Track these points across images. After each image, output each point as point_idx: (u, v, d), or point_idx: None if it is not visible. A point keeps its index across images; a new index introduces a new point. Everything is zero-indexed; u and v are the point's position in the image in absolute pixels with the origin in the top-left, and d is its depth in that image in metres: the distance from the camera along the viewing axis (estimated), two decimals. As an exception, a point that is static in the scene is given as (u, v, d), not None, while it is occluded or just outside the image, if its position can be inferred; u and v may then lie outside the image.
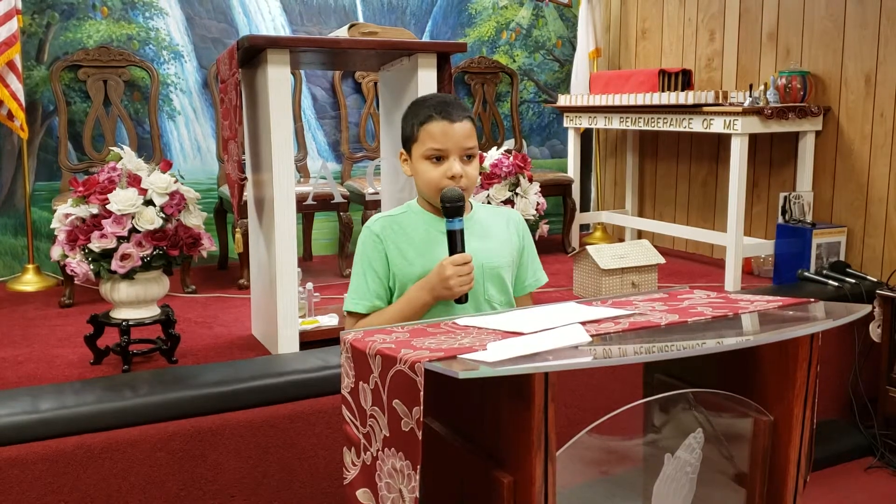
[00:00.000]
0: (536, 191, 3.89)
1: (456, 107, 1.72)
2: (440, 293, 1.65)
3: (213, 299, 3.43)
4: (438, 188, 1.69)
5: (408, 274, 1.71)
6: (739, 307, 1.41)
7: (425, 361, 1.10)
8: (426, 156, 1.70)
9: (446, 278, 1.63)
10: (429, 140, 1.69)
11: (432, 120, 1.69)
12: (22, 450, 1.97)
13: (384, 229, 1.74)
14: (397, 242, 1.73)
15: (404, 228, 1.75)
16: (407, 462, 1.16)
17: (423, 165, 1.71)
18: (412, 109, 1.76)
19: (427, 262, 1.70)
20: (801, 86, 3.58)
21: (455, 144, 1.69)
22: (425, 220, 1.76)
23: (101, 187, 2.38)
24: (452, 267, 1.63)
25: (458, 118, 1.69)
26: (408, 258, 1.72)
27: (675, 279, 3.71)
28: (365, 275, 1.73)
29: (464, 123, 1.70)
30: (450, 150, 1.69)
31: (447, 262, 1.64)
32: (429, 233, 1.74)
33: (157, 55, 4.01)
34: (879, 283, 3.33)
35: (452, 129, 1.68)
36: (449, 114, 1.69)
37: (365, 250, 1.74)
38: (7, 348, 2.72)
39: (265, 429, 2.23)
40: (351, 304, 1.74)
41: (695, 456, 1.29)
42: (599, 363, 1.24)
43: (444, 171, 1.68)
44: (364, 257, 1.74)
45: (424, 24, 4.63)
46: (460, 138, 1.69)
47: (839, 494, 2.83)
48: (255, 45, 2.45)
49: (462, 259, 1.64)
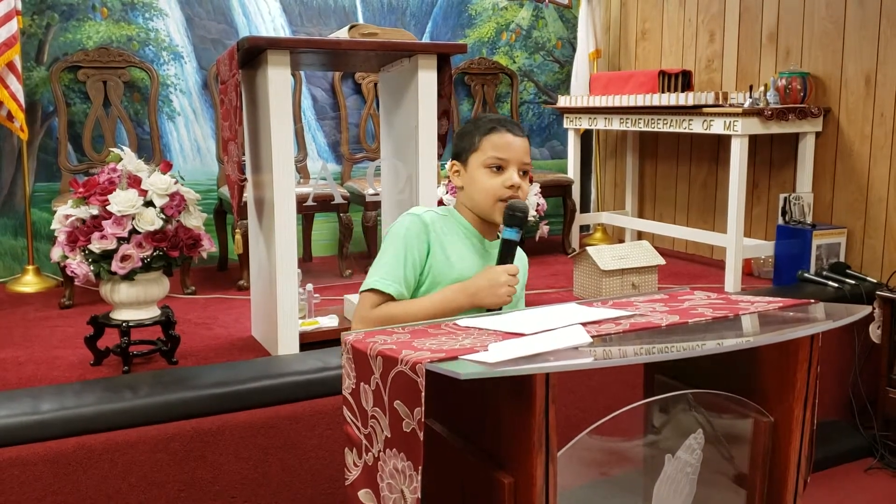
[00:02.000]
0: (536, 192, 3.90)
1: (517, 124, 1.80)
2: (484, 299, 1.64)
3: (213, 300, 3.43)
4: (495, 196, 1.72)
5: (444, 273, 1.71)
6: (740, 308, 1.42)
7: (426, 362, 1.10)
8: (487, 164, 1.74)
9: (499, 284, 1.64)
10: (491, 149, 1.74)
11: (496, 131, 1.75)
12: (22, 451, 1.97)
13: (433, 222, 1.74)
14: (441, 239, 1.73)
15: (448, 230, 1.76)
16: (408, 463, 1.17)
17: (482, 174, 1.74)
18: (473, 123, 1.81)
19: (463, 270, 1.71)
20: (801, 87, 3.58)
21: (515, 156, 1.74)
22: (465, 229, 1.78)
23: (102, 188, 2.38)
24: (506, 275, 1.65)
25: (521, 134, 1.77)
26: (449, 258, 1.72)
27: (676, 280, 3.71)
28: (403, 258, 1.68)
29: (524, 140, 1.78)
30: (510, 161, 1.74)
31: (501, 269, 1.65)
32: (465, 244, 1.76)
33: (157, 56, 4.02)
34: (879, 285, 3.33)
35: (515, 142, 1.75)
36: (512, 128, 1.77)
37: (409, 235, 1.70)
38: (7, 349, 2.72)
39: (265, 430, 2.23)
40: (380, 283, 1.67)
41: (695, 457, 1.29)
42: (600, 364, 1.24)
43: (504, 180, 1.73)
44: (406, 241, 1.70)
45: (424, 25, 4.63)
46: (521, 152, 1.75)
47: (839, 495, 2.83)
48: (255, 46, 2.45)
49: (514, 269, 1.67)
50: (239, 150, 2.60)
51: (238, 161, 2.63)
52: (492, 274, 1.65)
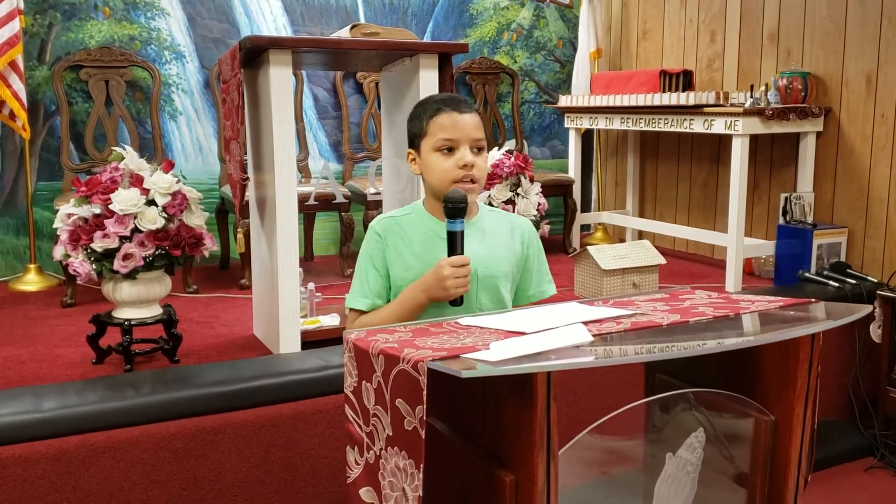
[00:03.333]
0: (537, 191, 3.90)
1: (463, 101, 1.75)
2: (435, 294, 1.64)
3: (215, 299, 3.43)
4: (451, 179, 1.69)
5: (403, 276, 1.72)
6: (740, 307, 1.42)
7: (428, 361, 1.10)
8: (437, 147, 1.71)
9: (443, 279, 1.62)
10: (439, 131, 1.70)
11: (442, 112, 1.71)
12: (25, 449, 1.98)
13: (385, 230, 1.75)
14: (396, 244, 1.74)
15: (405, 230, 1.75)
16: (410, 461, 1.17)
17: (434, 158, 1.71)
18: (419, 107, 1.78)
19: (424, 266, 1.69)
20: (802, 87, 3.58)
21: (465, 135, 1.70)
22: (427, 222, 1.76)
23: (104, 187, 2.38)
24: (450, 268, 1.62)
25: (467, 110, 1.72)
26: (406, 261, 1.72)
27: (676, 280, 3.72)
28: (367, 273, 1.75)
29: (473, 115, 1.73)
30: (460, 140, 1.70)
31: (445, 262, 1.63)
32: (429, 236, 1.74)
33: (159, 55, 4.02)
34: (880, 284, 3.33)
35: (462, 120, 1.70)
36: (458, 105, 1.72)
37: (368, 249, 1.76)
38: (9, 348, 2.73)
39: (267, 428, 2.23)
40: (352, 301, 1.76)
41: (696, 455, 1.29)
42: (601, 363, 1.24)
43: (456, 160, 1.69)
44: (367, 255, 1.76)
45: (426, 24, 4.63)
46: (470, 129, 1.71)
47: (839, 495, 2.83)
48: (257, 46, 2.46)
49: (460, 261, 1.63)
50: (241, 150, 2.61)
51: (240, 160, 2.63)
52: (436, 268, 1.64)
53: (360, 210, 3.95)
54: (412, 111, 1.79)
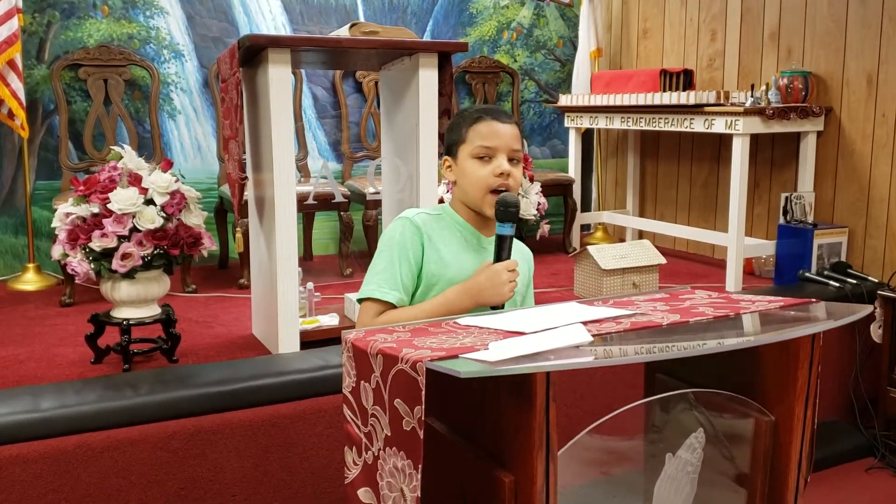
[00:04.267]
0: (537, 191, 3.89)
1: (503, 111, 1.77)
2: (487, 299, 1.62)
3: (214, 299, 3.43)
4: (486, 186, 1.69)
5: (440, 275, 1.69)
6: (741, 307, 1.41)
7: (427, 361, 1.10)
8: (475, 154, 1.72)
9: (502, 283, 1.61)
10: (478, 139, 1.71)
11: (482, 120, 1.73)
12: (23, 448, 1.97)
13: (425, 224, 1.72)
14: (434, 239, 1.71)
15: (441, 229, 1.73)
16: (408, 461, 1.16)
17: (471, 165, 1.72)
18: (459, 116, 1.79)
19: (458, 269, 1.68)
20: (803, 86, 3.58)
21: (504, 143, 1.71)
22: (460, 226, 1.76)
23: (102, 186, 2.38)
24: (507, 272, 1.62)
25: (508, 120, 1.74)
26: (444, 258, 1.70)
27: (676, 279, 3.71)
28: (399, 264, 1.67)
29: (512, 126, 1.74)
30: (498, 149, 1.71)
31: (501, 267, 1.62)
32: (462, 240, 1.74)
33: (158, 54, 4.01)
34: (881, 284, 3.33)
35: (502, 129, 1.72)
36: (498, 115, 1.74)
37: (403, 240, 1.69)
38: (8, 347, 2.72)
39: (266, 428, 2.23)
40: (378, 291, 1.66)
41: (696, 456, 1.29)
42: (601, 363, 1.24)
43: (493, 168, 1.70)
44: (400, 247, 1.68)
45: (425, 23, 4.63)
46: (509, 139, 1.72)
47: (840, 495, 2.83)
48: (256, 45, 2.45)
49: (513, 265, 1.64)
50: (240, 149, 2.60)
51: (239, 159, 2.63)
52: (491, 272, 1.62)
53: (359, 209, 3.95)
54: (452, 119, 1.81)
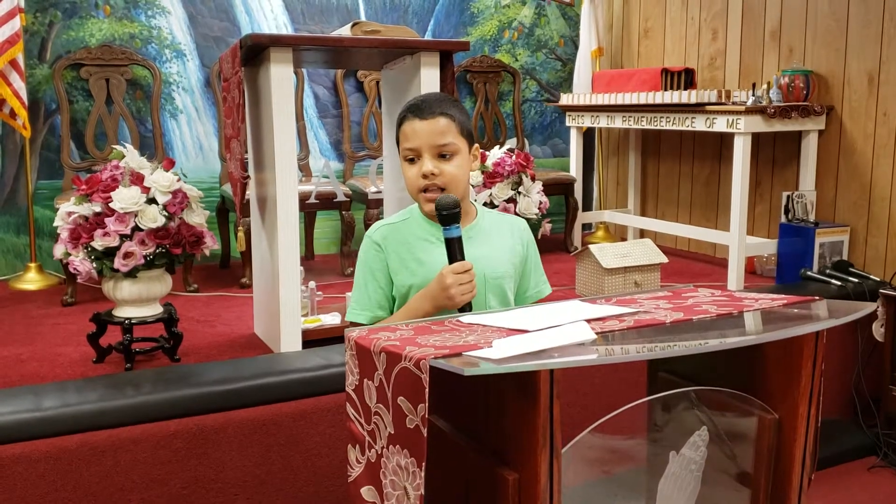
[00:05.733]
0: (539, 190, 3.89)
1: (432, 104, 1.66)
2: (442, 303, 1.60)
3: (216, 298, 3.43)
4: (417, 188, 1.66)
5: (407, 284, 1.68)
6: (743, 305, 1.41)
7: (430, 358, 1.10)
8: (404, 157, 1.68)
9: (447, 287, 1.57)
10: (403, 140, 1.67)
11: (405, 120, 1.67)
12: (25, 447, 1.97)
13: (384, 238, 1.71)
14: (398, 251, 1.70)
15: (404, 236, 1.71)
16: (412, 459, 1.16)
17: (404, 167, 1.68)
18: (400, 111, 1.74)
19: (428, 271, 1.66)
20: (804, 85, 3.57)
21: (425, 142, 1.64)
22: (424, 226, 1.72)
23: (104, 185, 2.38)
24: (453, 275, 1.58)
25: (429, 115, 1.64)
26: (409, 267, 1.69)
27: (678, 278, 3.71)
28: (367, 284, 1.71)
29: (436, 120, 1.64)
30: (420, 149, 1.64)
31: (447, 270, 1.59)
32: (428, 240, 1.71)
33: (160, 54, 4.01)
34: (882, 283, 3.33)
35: (421, 127, 1.64)
36: (420, 111, 1.65)
37: (366, 259, 1.71)
38: (10, 347, 2.72)
39: (268, 427, 2.23)
40: (353, 315, 1.73)
41: (699, 454, 1.28)
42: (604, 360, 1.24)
43: (418, 170, 1.65)
44: (365, 266, 1.71)
45: (427, 22, 4.63)
46: (430, 136, 1.63)
47: (842, 494, 2.83)
48: (258, 44, 2.45)
49: (462, 267, 1.59)
50: (241, 148, 2.60)
51: (240, 158, 2.63)
52: (439, 278, 1.59)
53: (360, 209, 3.95)
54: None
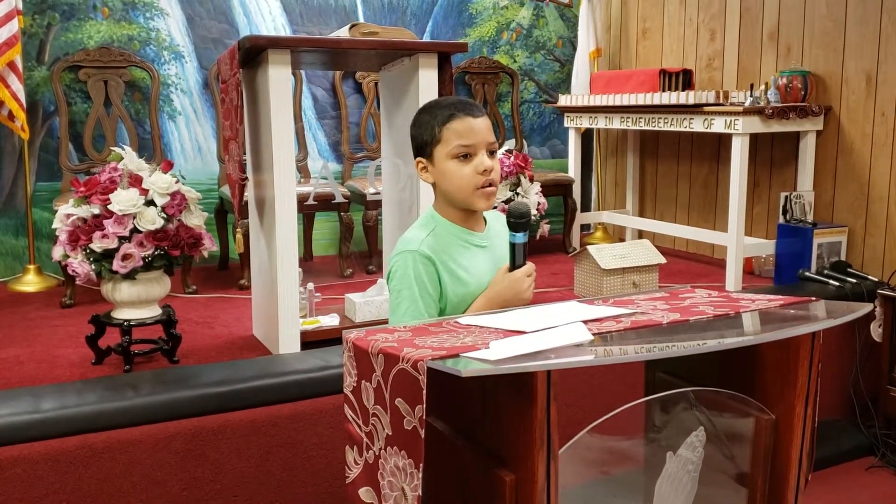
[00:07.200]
0: (537, 191, 3.90)
1: (474, 104, 1.70)
2: (513, 305, 1.61)
3: (214, 299, 3.43)
4: (473, 186, 1.64)
5: (461, 294, 1.66)
6: (741, 306, 1.41)
7: (428, 360, 1.10)
8: (454, 154, 1.65)
9: (524, 290, 1.63)
10: (455, 138, 1.64)
11: (455, 118, 1.65)
12: (24, 449, 1.97)
13: (433, 250, 1.65)
14: (444, 262, 1.65)
15: (444, 246, 1.67)
16: (410, 460, 1.17)
17: (451, 165, 1.65)
18: (428, 113, 1.70)
19: (475, 277, 1.66)
20: (802, 85, 3.58)
21: (482, 139, 1.66)
22: (455, 231, 1.69)
23: (103, 187, 2.38)
24: (527, 278, 1.63)
25: (480, 114, 1.68)
26: (461, 279, 1.66)
27: (676, 279, 3.71)
28: (421, 299, 1.63)
29: (485, 118, 1.68)
30: (477, 146, 1.65)
31: (521, 274, 1.63)
32: (464, 246, 1.69)
33: (158, 56, 4.02)
34: (880, 283, 3.33)
35: (477, 124, 1.66)
36: (471, 109, 1.67)
37: (417, 275, 1.63)
38: (8, 349, 2.72)
39: (267, 428, 2.23)
40: None
41: (696, 454, 1.29)
42: (601, 361, 1.24)
43: (475, 167, 1.64)
44: (417, 281, 1.63)
45: (425, 24, 4.63)
46: (485, 133, 1.66)
47: (840, 494, 2.83)
48: (256, 46, 2.45)
49: (530, 269, 1.64)
50: (240, 150, 2.60)
51: (239, 160, 2.63)
52: (512, 281, 1.63)
53: (359, 210, 3.95)
54: (417, 117, 1.72)
